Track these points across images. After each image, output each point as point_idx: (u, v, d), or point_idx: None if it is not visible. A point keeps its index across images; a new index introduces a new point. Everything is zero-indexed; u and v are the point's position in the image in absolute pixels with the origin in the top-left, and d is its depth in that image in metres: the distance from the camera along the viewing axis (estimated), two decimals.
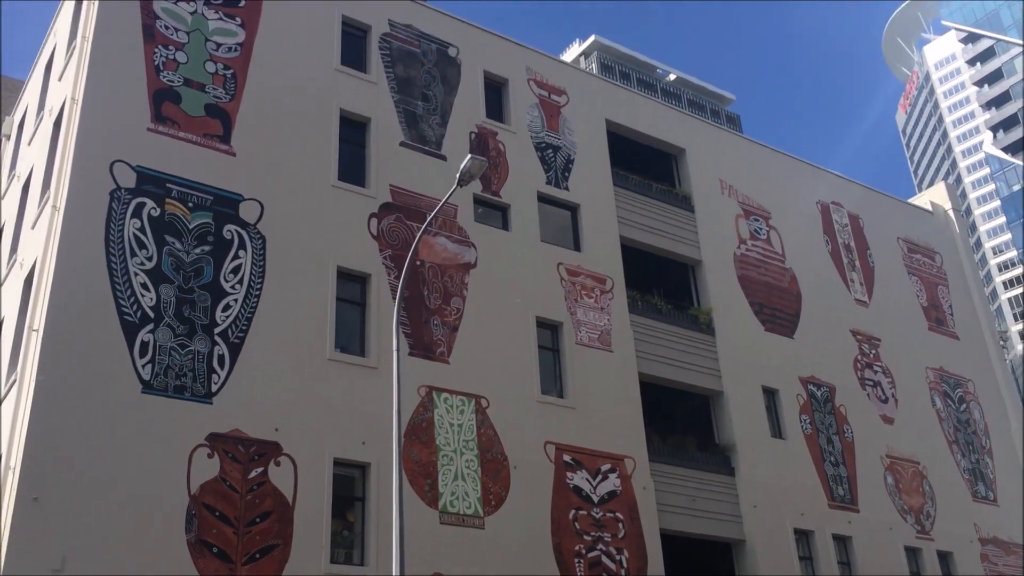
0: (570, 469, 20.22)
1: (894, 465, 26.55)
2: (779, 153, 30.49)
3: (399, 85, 22.17)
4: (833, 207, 30.61)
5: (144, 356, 16.20)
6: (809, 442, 24.97)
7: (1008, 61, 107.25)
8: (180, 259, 17.34)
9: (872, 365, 28.07)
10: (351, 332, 19.11)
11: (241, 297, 17.72)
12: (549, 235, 23.07)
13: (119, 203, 17.11)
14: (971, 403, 30.29)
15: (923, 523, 26.14)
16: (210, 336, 17.05)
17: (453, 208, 21.32)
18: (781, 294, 27.13)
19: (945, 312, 31.83)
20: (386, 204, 20.53)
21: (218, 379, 16.81)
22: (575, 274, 22.83)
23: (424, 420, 18.78)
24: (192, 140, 18.50)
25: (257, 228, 18.53)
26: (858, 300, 29.17)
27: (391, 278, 19.70)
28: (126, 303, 16.40)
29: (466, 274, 20.97)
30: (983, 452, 29.47)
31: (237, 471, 16.26)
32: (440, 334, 19.89)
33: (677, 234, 25.97)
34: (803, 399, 25.58)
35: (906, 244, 32.20)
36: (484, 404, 19.73)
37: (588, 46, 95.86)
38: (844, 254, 29.83)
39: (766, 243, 27.77)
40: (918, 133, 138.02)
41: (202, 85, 19.14)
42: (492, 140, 23.15)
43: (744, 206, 27.91)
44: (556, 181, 23.89)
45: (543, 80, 25.18)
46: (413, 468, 18.09)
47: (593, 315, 22.57)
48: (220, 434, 16.35)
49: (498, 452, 19.43)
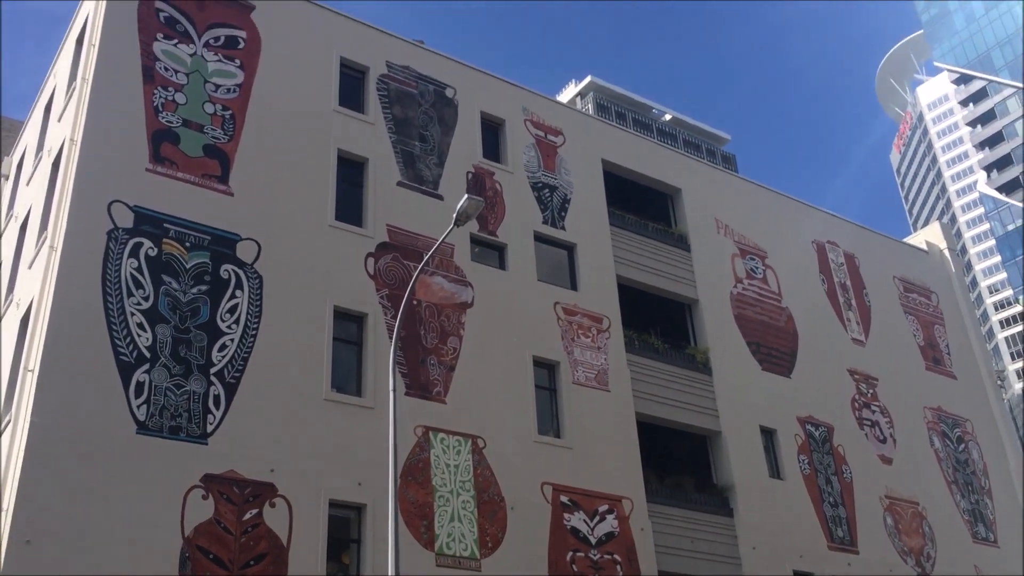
0: (567, 510, 20.07)
1: (893, 506, 26.38)
2: (774, 192, 30.65)
3: (397, 125, 22.32)
4: (829, 246, 30.71)
5: (140, 396, 16.12)
6: (808, 482, 24.83)
7: (1000, 102, 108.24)
8: (177, 299, 17.33)
9: (870, 405, 28.00)
10: (348, 372, 19.05)
11: (237, 337, 17.68)
12: (546, 274, 23.10)
13: (116, 243, 17.13)
14: (969, 443, 30.17)
15: (923, 565, 25.92)
16: (206, 376, 16.98)
17: (450, 248, 21.37)
18: (778, 333, 27.12)
19: (942, 351, 31.81)
20: (383, 244, 20.58)
21: (213, 419, 16.72)
22: (572, 313, 22.83)
23: (420, 460, 18.67)
24: (190, 180, 18.57)
25: (254, 267, 18.54)
26: (855, 339, 29.16)
27: (388, 317, 19.69)
28: (122, 343, 16.36)
29: (463, 313, 20.96)
30: (982, 493, 29.30)
31: (232, 513, 16.12)
32: (437, 374, 19.84)
33: (673, 273, 26.01)
34: (801, 439, 25.48)
35: (902, 283, 32.26)
36: (481, 444, 19.63)
37: (584, 86, 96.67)
38: (840, 293, 29.87)
39: (762, 282, 27.82)
40: (912, 172, 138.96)
41: (201, 126, 19.25)
42: (489, 180, 23.26)
43: (740, 245, 27.99)
44: (553, 221, 23.97)
45: (539, 120, 25.36)
46: (409, 509, 17.95)
47: (590, 354, 22.54)
48: (215, 475, 16.23)
49: (495, 493, 19.29)
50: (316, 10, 22.58)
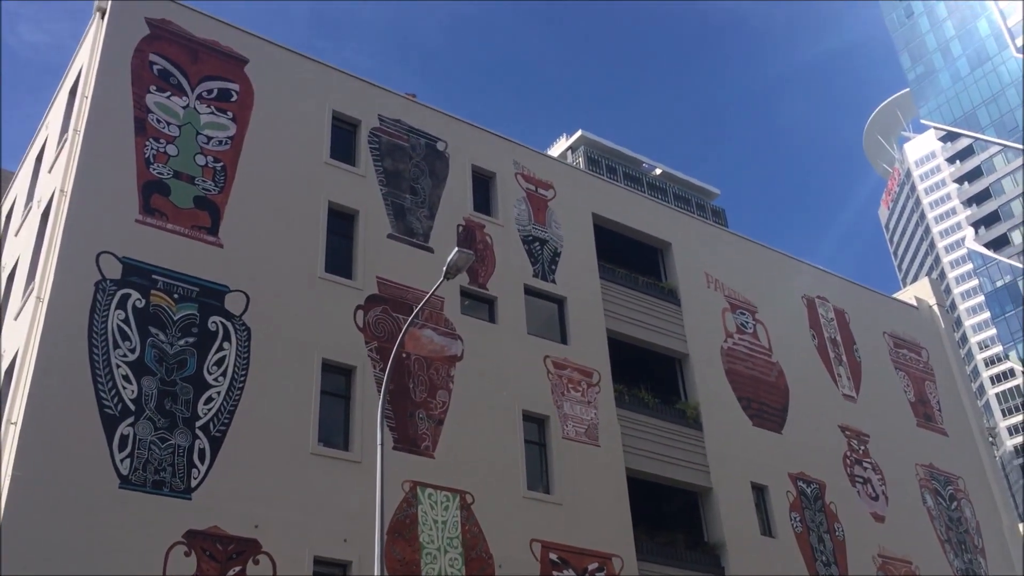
0: (556, 568, 19.76)
1: (886, 565, 26.08)
2: (764, 247, 30.76)
3: (387, 178, 22.38)
4: (819, 301, 30.74)
5: (123, 450, 15.90)
6: (800, 540, 24.55)
7: (987, 159, 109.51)
8: (164, 351, 17.18)
9: (862, 461, 27.82)
10: (335, 425, 18.85)
11: (224, 389, 17.51)
12: (536, 328, 23.03)
13: (104, 294, 17.02)
14: (962, 501, 29.94)
15: None
16: (191, 429, 16.78)
17: (440, 300, 21.30)
18: (769, 388, 27.02)
19: (933, 407, 31.71)
20: (373, 296, 20.51)
21: (198, 474, 16.48)
22: (562, 367, 22.72)
23: (408, 516, 18.40)
24: (180, 232, 18.53)
25: (243, 320, 18.43)
26: (846, 395, 29.07)
27: (376, 370, 19.54)
28: (107, 396, 16.17)
29: (452, 367, 20.83)
30: (976, 552, 29.00)
31: (214, 570, 15.80)
32: (425, 428, 19.65)
33: (664, 327, 25.97)
34: (793, 496, 25.25)
35: (892, 339, 32.26)
36: (469, 500, 19.38)
37: (575, 140, 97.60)
38: (831, 348, 29.84)
39: (753, 337, 27.78)
40: (901, 228, 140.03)
41: (192, 177, 19.27)
42: (479, 233, 23.29)
43: (730, 300, 28.00)
44: (543, 274, 23.96)
45: (530, 174, 25.48)
46: (396, 566, 17.64)
47: (580, 409, 22.38)
48: (198, 531, 15.95)
49: (483, 550, 19.00)
50: (309, 64, 22.75)
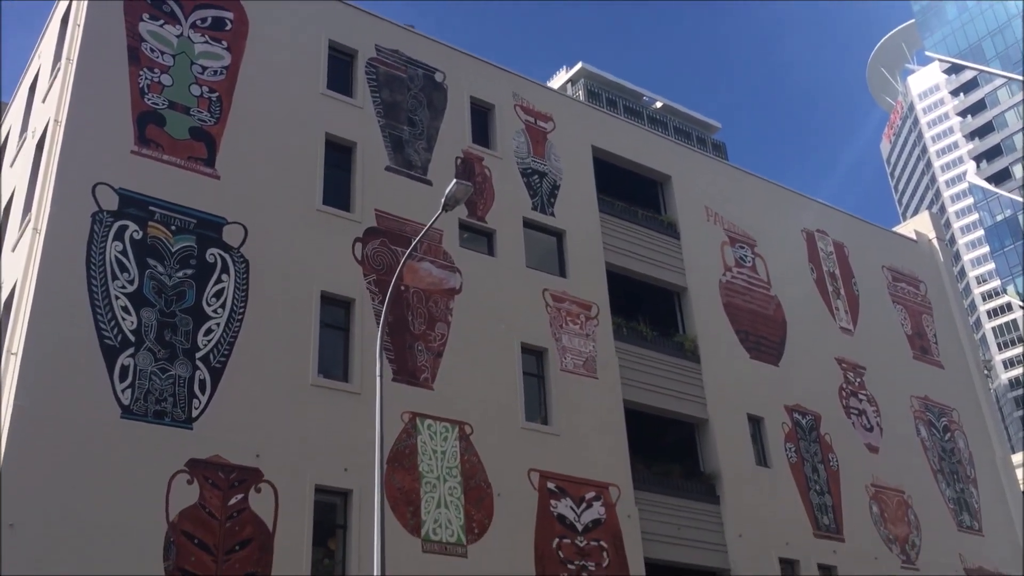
0: (554, 497, 20.05)
1: (879, 494, 26.46)
2: (764, 181, 30.60)
3: (385, 110, 22.16)
4: (818, 235, 30.69)
5: (124, 381, 16.00)
6: (794, 471, 24.88)
7: (991, 92, 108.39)
8: (162, 283, 17.19)
9: (857, 394, 28.05)
10: (334, 357, 18.95)
11: (223, 321, 17.56)
12: (534, 261, 23.02)
13: (101, 226, 16.97)
14: (956, 432, 30.27)
15: (908, 553, 26.03)
16: (191, 361, 16.87)
17: (438, 233, 21.25)
18: (766, 322, 27.12)
19: (930, 341, 31.88)
20: (371, 229, 20.45)
21: (199, 404, 16.62)
22: (560, 300, 22.76)
23: (407, 446, 18.61)
24: (176, 163, 18.40)
25: (240, 252, 18.40)
26: (843, 328, 29.19)
27: (375, 303, 19.58)
28: (107, 327, 16.22)
29: (451, 299, 20.87)
30: (968, 482, 29.42)
31: (217, 498, 16.03)
32: (424, 360, 19.76)
33: (662, 261, 25.96)
34: (788, 427, 25.51)
35: (891, 272, 32.29)
36: (468, 431, 19.58)
37: (575, 73, 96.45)
38: (829, 282, 29.88)
39: (751, 271, 27.79)
40: (902, 162, 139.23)
41: (187, 108, 19.06)
42: (478, 165, 23.13)
43: (730, 233, 27.95)
44: (542, 207, 23.87)
45: (529, 106, 25.22)
46: (396, 495, 17.89)
47: (578, 341, 22.49)
48: (200, 460, 16.14)
49: (482, 479, 19.25)
50: None
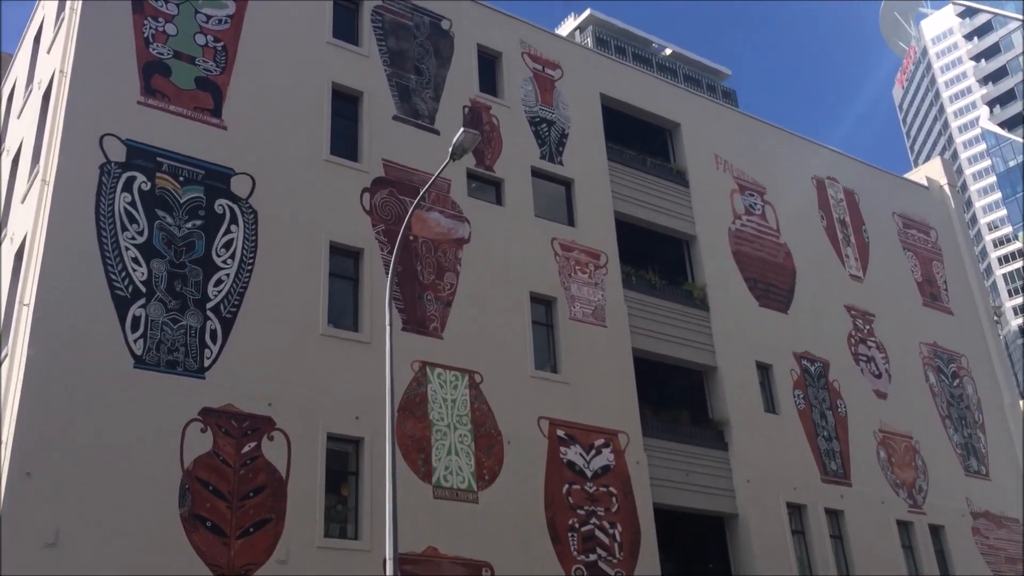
0: (564, 444, 20.24)
1: (887, 440, 26.64)
2: (774, 128, 30.36)
3: (391, 58, 21.98)
4: (828, 182, 30.52)
5: (136, 331, 16.14)
6: (802, 417, 25.03)
7: (1005, 35, 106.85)
8: (171, 233, 17.24)
9: (866, 340, 28.10)
10: (344, 307, 19.05)
11: (233, 272, 17.64)
12: (543, 210, 22.98)
13: (109, 177, 16.98)
14: (964, 378, 30.36)
15: (915, 497, 26.27)
16: (202, 311, 16.98)
17: (446, 183, 21.21)
18: (775, 269, 27.10)
19: (940, 287, 31.83)
20: (379, 179, 20.41)
21: (210, 354, 16.76)
22: (569, 249, 22.76)
23: (417, 395, 18.77)
24: (182, 113, 18.35)
25: (249, 202, 18.41)
26: (853, 276, 29.15)
27: (384, 253, 19.62)
28: (117, 278, 16.31)
29: (459, 249, 20.89)
30: (976, 427, 29.57)
31: (230, 446, 16.25)
32: (433, 309, 19.84)
33: (672, 209, 25.88)
34: (797, 374, 25.61)
35: (901, 219, 32.14)
36: (478, 379, 19.72)
37: (583, 20, 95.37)
38: (839, 229, 29.77)
39: (761, 218, 27.70)
40: (915, 108, 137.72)
41: (192, 58, 18.95)
42: (486, 114, 23.00)
43: (739, 181, 27.81)
44: (550, 156, 23.76)
45: (537, 54, 24.98)
46: (407, 443, 18.09)
47: (587, 290, 22.53)
48: (213, 409, 16.33)
49: (492, 427, 19.43)
50: None
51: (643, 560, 20.05)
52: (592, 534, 19.65)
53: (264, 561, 15.79)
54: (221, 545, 15.48)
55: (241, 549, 15.65)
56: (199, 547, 15.27)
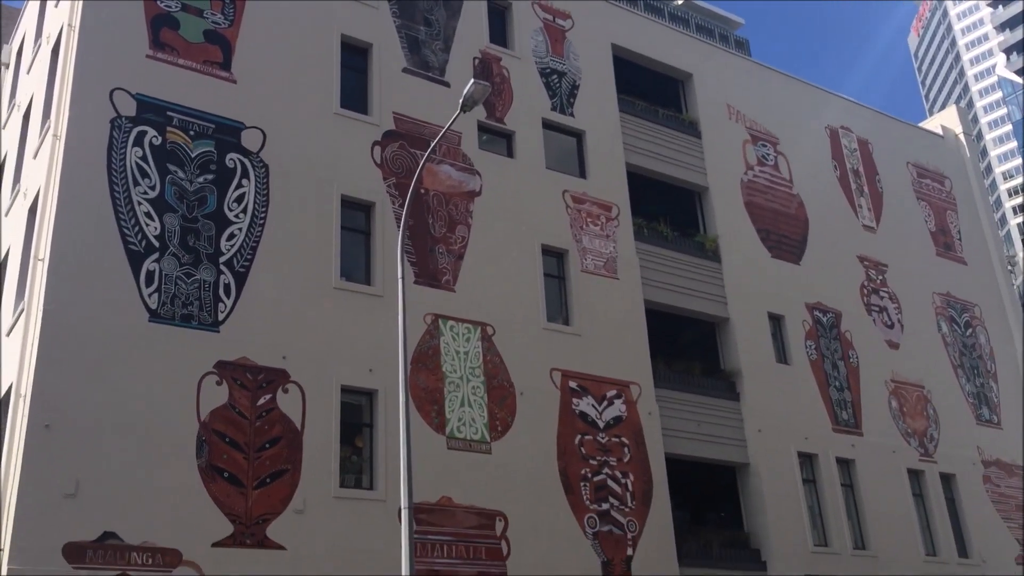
0: (576, 395, 20.37)
1: (899, 389, 26.70)
2: (788, 77, 30.04)
3: (401, 10, 21.78)
4: (842, 132, 30.25)
5: (150, 285, 16.24)
6: (814, 367, 25.08)
7: None
8: (183, 188, 17.27)
9: (879, 291, 28.04)
10: (356, 261, 19.10)
11: (245, 226, 17.68)
12: (554, 162, 22.88)
13: (120, 131, 16.98)
14: (977, 328, 30.32)
15: (926, 446, 26.39)
16: (215, 265, 17.06)
17: (457, 135, 21.12)
18: (788, 220, 26.99)
19: (953, 237, 31.67)
20: (389, 132, 20.34)
21: (224, 308, 16.87)
22: (580, 201, 22.70)
23: (430, 348, 18.88)
24: (192, 67, 18.27)
25: (260, 156, 18.40)
26: (866, 226, 29.01)
27: (395, 206, 19.62)
28: (130, 232, 16.38)
29: (471, 202, 20.87)
30: (988, 376, 29.59)
31: (246, 398, 16.42)
32: (445, 262, 19.88)
33: (684, 160, 25.73)
34: (809, 325, 25.62)
35: (916, 169, 31.89)
36: (490, 332, 19.80)
37: None
38: (852, 179, 29.58)
39: (773, 169, 27.53)
40: (931, 56, 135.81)
41: (200, 11, 18.82)
42: (496, 66, 22.81)
43: (752, 131, 27.60)
44: (561, 107, 23.60)
45: (548, 4, 24.70)
46: (420, 395, 18.24)
47: (599, 243, 22.51)
48: (228, 362, 16.47)
49: (504, 379, 19.56)
50: None
51: (655, 509, 20.27)
52: (604, 484, 19.85)
53: (281, 511, 16.03)
54: (239, 495, 15.72)
55: (258, 499, 15.89)
56: (217, 497, 15.51)
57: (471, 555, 17.66)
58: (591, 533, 19.26)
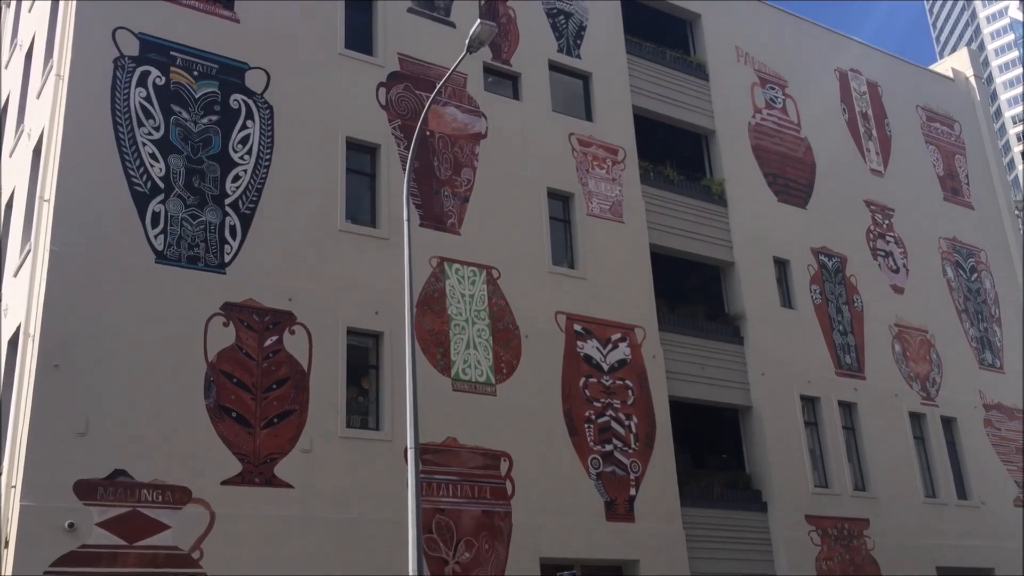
0: (580, 338, 20.47)
1: (902, 334, 26.77)
2: (798, 19, 29.62)
3: None
4: (852, 75, 29.92)
5: (156, 227, 16.26)
6: (818, 312, 25.13)
7: None
8: (188, 129, 17.19)
9: (885, 235, 27.97)
10: (361, 203, 19.08)
11: (250, 168, 17.63)
12: (560, 105, 22.70)
13: (123, 72, 16.85)
14: (982, 272, 30.30)
15: (928, 390, 26.53)
16: (221, 207, 17.05)
17: (462, 77, 20.93)
18: (795, 164, 26.82)
19: (961, 181, 31.48)
20: (394, 73, 20.16)
21: (230, 250, 16.90)
22: (587, 144, 22.57)
23: (436, 290, 18.94)
24: (194, 6, 18.06)
25: (264, 97, 18.27)
26: (873, 170, 28.84)
27: (401, 149, 19.52)
28: (135, 173, 16.35)
29: (476, 144, 20.75)
30: (992, 321, 29.64)
31: (253, 339, 16.52)
32: (451, 205, 19.84)
33: (691, 103, 25.51)
34: (814, 269, 25.61)
35: (925, 112, 31.59)
36: (495, 275, 19.84)
37: None
38: (861, 123, 29.32)
39: (782, 112, 27.29)
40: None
41: None
42: (502, 6, 22.52)
43: (760, 74, 27.30)
44: (568, 49, 23.34)
45: None
46: (425, 337, 18.34)
47: (604, 186, 22.42)
48: (234, 303, 16.55)
49: (509, 322, 19.64)
50: None
51: (658, 450, 20.48)
52: (608, 426, 20.04)
53: (288, 450, 16.24)
54: (247, 435, 15.91)
55: (266, 439, 16.08)
56: (225, 436, 15.70)
57: (476, 495, 17.91)
58: (595, 474, 19.50)
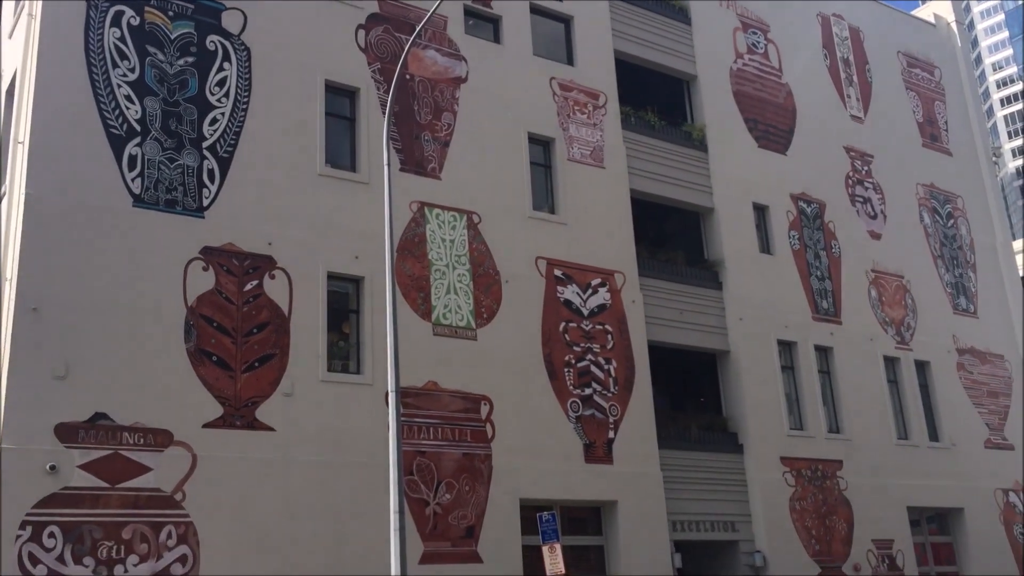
0: (561, 283, 20.55)
1: (879, 279, 27.03)
2: None
3: None
4: (834, 19, 29.78)
5: (133, 170, 16.10)
6: (797, 257, 25.31)
7: None
8: (163, 71, 16.94)
9: (863, 182, 28.10)
10: (341, 147, 18.94)
11: (228, 111, 17.44)
12: (542, 49, 22.50)
13: (97, 11, 16.54)
14: (959, 219, 30.55)
15: (903, 334, 26.88)
16: (198, 150, 16.89)
17: (443, 20, 20.69)
18: (776, 110, 26.79)
19: (940, 128, 31.58)
20: (373, 15, 19.90)
21: (209, 193, 16.78)
22: (568, 89, 22.43)
23: (416, 235, 18.92)
24: None
25: (241, 39, 18.01)
26: (854, 116, 28.86)
27: (380, 92, 19.35)
28: (111, 116, 16.14)
29: (457, 89, 20.59)
30: (967, 267, 29.97)
31: (232, 284, 16.50)
32: (431, 150, 19.74)
33: (672, 48, 25.34)
34: (793, 215, 25.74)
35: (906, 58, 31.55)
36: (476, 220, 19.82)
37: None
38: (842, 69, 29.26)
39: (763, 57, 27.18)
40: None
41: None
42: None
43: (743, 19, 27.13)
44: None
45: None
46: (406, 282, 18.36)
47: (585, 131, 22.34)
48: (214, 248, 16.48)
49: (490, 267, 19.68)
50: None
51: (636, 394, 20.71)
52: (588, 370, 20.22)
53: (270, 394, 16.32)
54: (227, 378, 15.96)
55: (247, 382, 16.14)
56: (206, 380, 15.74)
57: (456, 437, 18.10)
58: (574, 417, 19.72)
